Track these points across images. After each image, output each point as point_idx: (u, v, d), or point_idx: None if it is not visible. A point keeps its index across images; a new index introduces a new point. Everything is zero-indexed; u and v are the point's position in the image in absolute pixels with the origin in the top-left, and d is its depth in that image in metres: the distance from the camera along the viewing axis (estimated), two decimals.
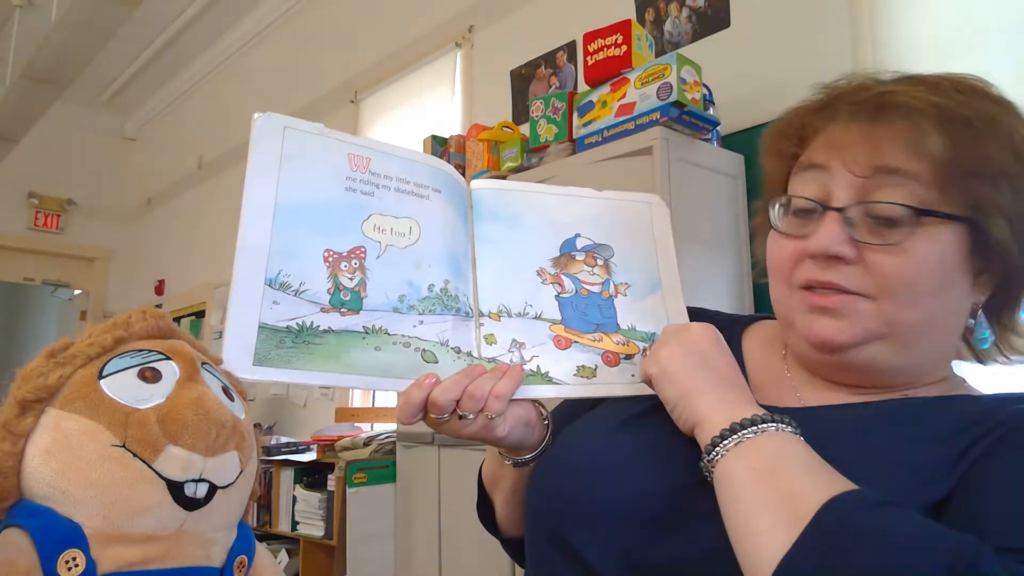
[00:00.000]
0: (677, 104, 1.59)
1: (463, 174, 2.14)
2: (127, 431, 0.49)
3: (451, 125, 2.96)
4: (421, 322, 0.64)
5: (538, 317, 0.68)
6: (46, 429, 0.51)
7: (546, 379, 0.66)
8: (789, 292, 0.61)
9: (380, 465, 2.40)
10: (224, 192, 4.59)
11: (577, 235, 0.74)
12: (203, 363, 0.55)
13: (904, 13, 1.72)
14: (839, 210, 0.57)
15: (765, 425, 0.53)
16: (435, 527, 1.99)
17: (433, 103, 3.09)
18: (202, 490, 0.50)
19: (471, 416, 0.60)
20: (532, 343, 0.67)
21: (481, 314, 0.67)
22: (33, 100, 3.84)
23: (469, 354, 0.65)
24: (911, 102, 0.56)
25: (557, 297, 0.70)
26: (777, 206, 0.62)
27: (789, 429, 0.53)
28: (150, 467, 0.48)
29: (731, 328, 0.72)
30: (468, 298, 0.67)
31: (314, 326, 0.59)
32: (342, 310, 0.61)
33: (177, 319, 4.73)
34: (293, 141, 0.66)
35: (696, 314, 0.74)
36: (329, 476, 2.62)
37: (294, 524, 2.76)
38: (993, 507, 0.48)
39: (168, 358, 0.53)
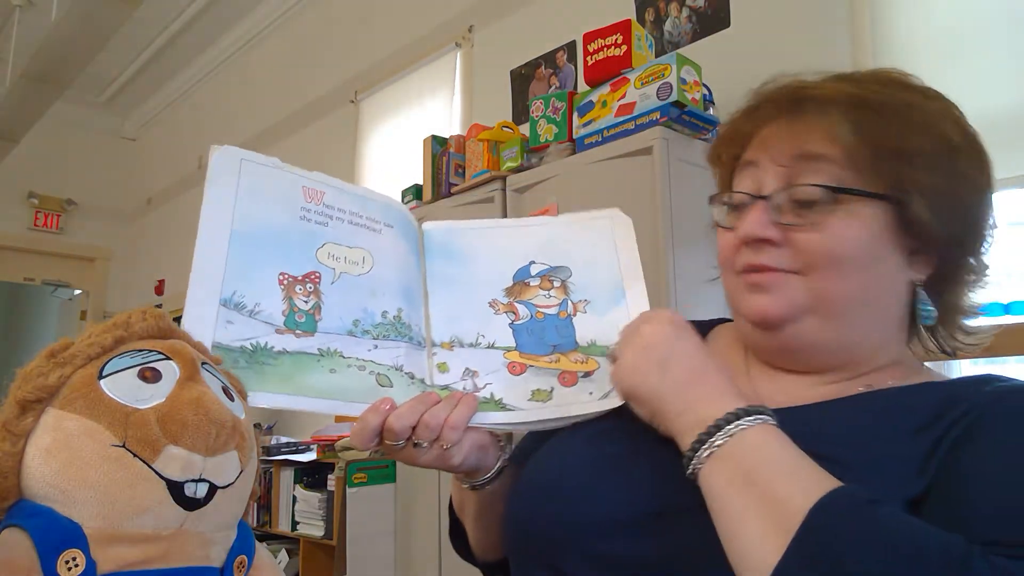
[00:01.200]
0: (677, 104, 1.59)
1: (463, 174, 2.14)
2: (127, 431, 0.49)
3: (451, 125, 2.96)
4: (375, 347, 0.64)
5: (491, 346, 0.70)
6: (46, 429, 0.51)
7: (499, 406, 0.66)
8: (734, 280, 0.65)
9: (380, 465, 2.40)
10: None
11: (532, 262, 0.75)
12: (203, 363, 0.55)
13: (904, 13, 1.72)
14: (765, 198, 0.62)
15: (732, 427, 0.51)
16: (435, 527, 1.99)
17: (433, 103, 3.09)
18: (202, 490, 0.50)
19: (426, 445, 0.61)
20: (485, 371, 0.68)
21: (434, 344, 0.68)
22: (33, 100, 3.84)
23: (422, 381, 0.65)
24: (825, 94, 0.62)
25: (511, 325, 0.71)
26: (720, 205, 0.68)
27: (760, 420, 0.52)
28: (150, 467, 0.48)
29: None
30: (421, 328, 0.68)
31: (268, 347, 0.60)
32: (297, 332, 0.62)
33: (177, 319, 4.71)
34: (249, 173, 0.67)
35: None
36: (329, 476, 2.62)
37: (294, 524, 2.76)
38: (974, 499, 0.48)
39: (168, 358, 0.53)
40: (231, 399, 0.55)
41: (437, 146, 2.23)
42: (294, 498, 2.77)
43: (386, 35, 3.40)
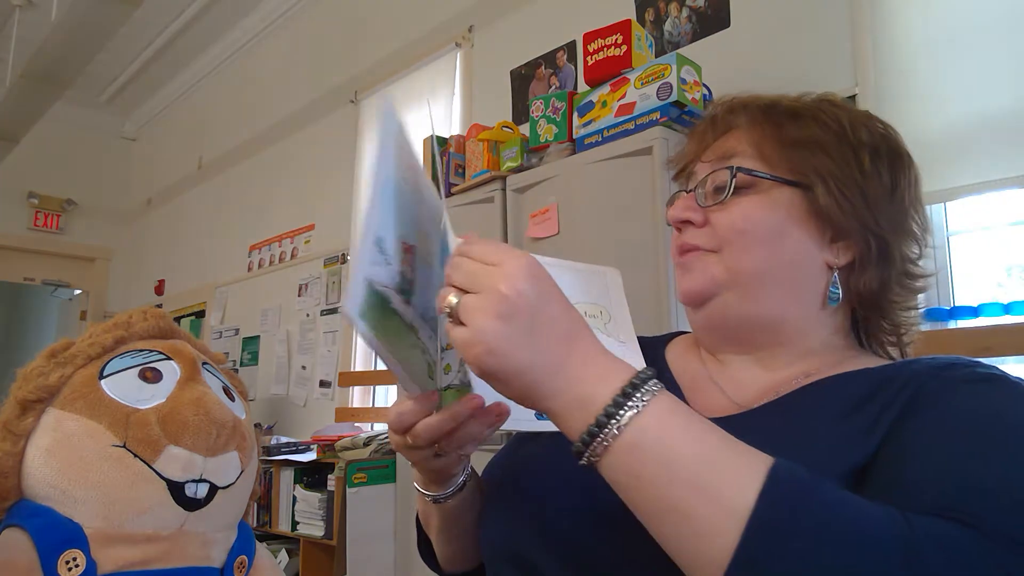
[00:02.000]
0: (677, 104, 1.59)
1: (463, 174, 2.14)
2: (128, 431, 0.49)
3: (451, 125, 2.96)
4: (430, 336, 0.64)
5: None
6: (47, 429, 0.51)
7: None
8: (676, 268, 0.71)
9: (380, 465, 2.40)
10: (224, 192, 4.59)
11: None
12: (204, 363, 0.55)
13: (904, 13, 1.72)
14: (691, 190, 0.71)
15: (627, 413, 0.46)
16: None
17: (433, 103, 3.09)
18: (202, 490, 0.50)
19: (448, 452, 0.61)
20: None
21: (441, 348, 0.68)
22: (33, 100, 3.84)
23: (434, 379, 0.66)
24: (740, 103, 0.71)
25: None
26: (667, 208, 0.74)
27: (652, 393, 0.47)
28: (150, 467, 0.48)
29: (655, 346, 0.78)
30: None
31: (390, 301, 0.58)
32: (403, 297, 0.60)
33: (177, 319, 4.73)
34: (401, 132, 0.67)
35: None
36: (329, 476, 2.62)
37: (294, 524, 2.76)
38: (922, 471, 0.49)
39: (169, 358, 0.54)
40: (232, 399, 0.55)
41: (437, 146, 2.23)
42: (294, 498, 2.77)
43: (386, 35, 3.40)
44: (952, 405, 0.53)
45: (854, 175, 0.65)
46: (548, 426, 0.64)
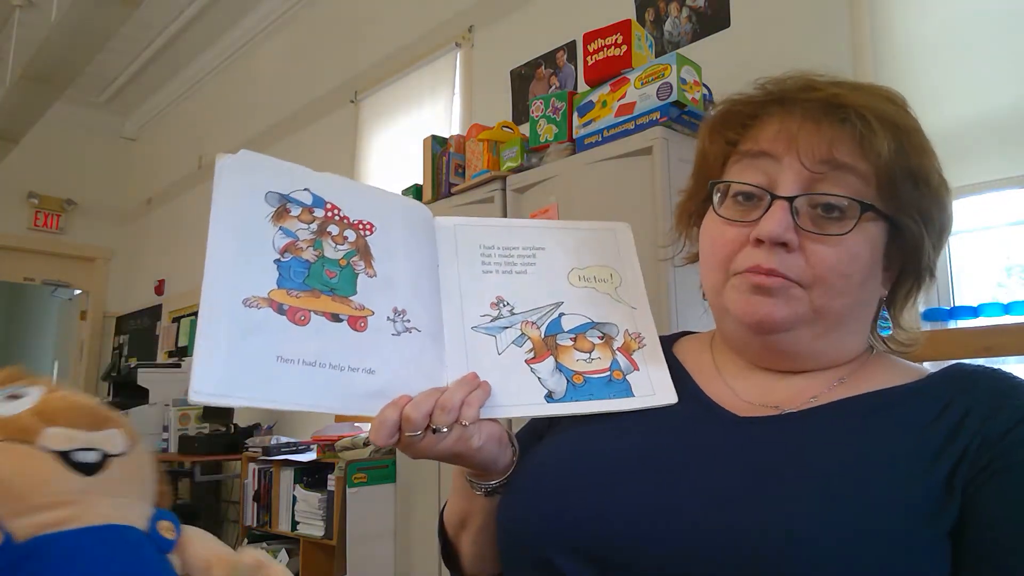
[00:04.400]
0: (677, 104, 1.59)
1: (463, 174, 2.14)
2: (4, 431, 0.55)
3: (451, 125, 2.96)
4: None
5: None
6: None
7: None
8: (724, 278, 0.63)
9: (380, 465, 2.40)
10: None
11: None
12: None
13: (904, 13, 1.72)
14: (789, 199, 0.59)
15: None
16: (435, 527, 1.98)
17: (433, 103, 3.09)
18: (93, 456, 0.55)
19: (445, 429, 0.60)
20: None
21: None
22: (33, 100, 3.84)
23: None
24: (863, 105, 0.60)
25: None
26: (718, 192, 0.65)
27: None
28: (33, 446, 0.54)
29: (662, 344, 0.75)
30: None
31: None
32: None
33: (177, 319, 4.73)
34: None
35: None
36: (329, 476, 2.62)
37: (294, 524, 2.76)
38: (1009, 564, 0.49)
39: (28, 387, 0.61)
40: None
41: (437, 146, 2.23)
42: (294, 498, 2.77)
43: (386, 35, 3.40)
44: None
45: (936, 211, 0.62)
46: (558, 409, 0.65)
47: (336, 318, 0.63)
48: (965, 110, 1.60)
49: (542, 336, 0.69)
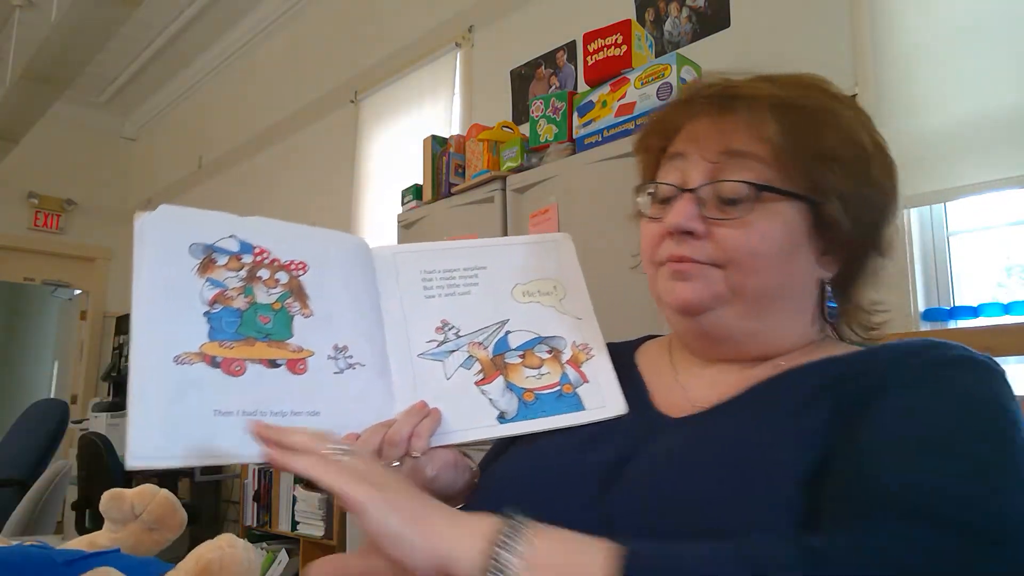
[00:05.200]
0: None
1: (463, 174, 2.14)
2: None
3: (451, 125, 2.96)
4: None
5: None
6: None
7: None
8: (655, 271, 0.67)
9: None
10: (224, 192, 4.59)
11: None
12: None
13: (904, 13, 1.72)
14: (692, 191, 0.63)
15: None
16: None
17: (433, 103, 3.09)
18: None
19: (396, 464, 0.60)
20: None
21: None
22: (33, 100, 3.84)
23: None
24: (753, 93, 0.63)
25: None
26: (645, 194, 0.68)
27: (517, 548, 0.47)
28: None
29: (624, 352, 0.76)
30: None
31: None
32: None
33: None
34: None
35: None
36: None
37: (294, 524, 2.76)
38: (881, 469, 0.49)
39: None
40: None
41: (437, 146, 2.23)
42: (294, 498, 2.77)
43: (386, 35, 3.40)
44: (914, 396, 0.53)
45: (863, 190, 0.62)
46: (511, 430, 0.65)
47: (273, 364, 0.62)
48: (965, 110, 1.60)
49: (490, 356, 0.69)
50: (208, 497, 3.92)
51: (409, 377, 0.67)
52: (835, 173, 0.61)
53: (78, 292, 5.73)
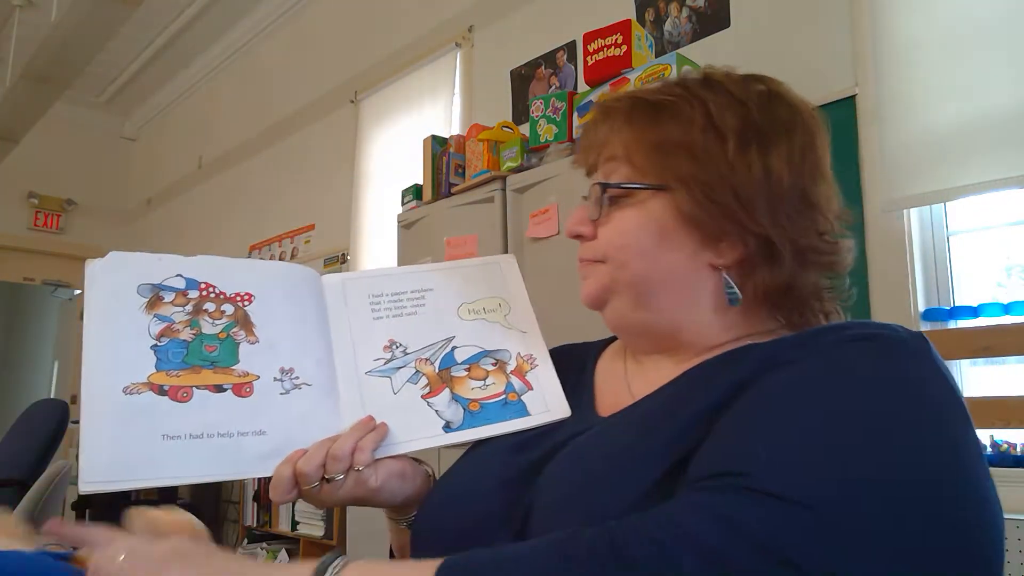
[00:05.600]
0: None
1: (463, 174, 2.14)
2: None
3: (451, 125, 2.96)
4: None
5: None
6: None
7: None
8: None
9: None
10: (224, 192, 4.59)
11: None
12: None
13: (904, 13, 1.72)
14: (584, 198, 0.68)
15: None
16: None
17: (433, 103, 3.09)
18: None
19: (340, 477, 0.63)
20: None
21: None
22: (33, 100, 3.84)
23: None
24: (614, 99, 0.68)
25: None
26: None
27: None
28: None
29: (589, 352, 0.78)
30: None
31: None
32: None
33: None
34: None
35: (557, 350, 0.79)
36: None
37: (294, 524, 2.76)
38: (714, 440, 0.50)
39: None
40: None
41: (437, 146, 2.23)
42: None
43: (386, 35, 3.40)
44: (791, 373, 0.51)
45: (720, 171, 0.60)
46: (456, 438, 0.68)
47: (220, 388, 0.65)
48: (965, 110, 1.60)
49: (436, 370, 0.72)
50: (208, 497, 3.92)
51: (356, 394, 0.69)
52: (678, 160, 0.62)
53: (78, 292, 5.72)
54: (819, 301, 0.64)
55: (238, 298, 0.71)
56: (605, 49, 1.74)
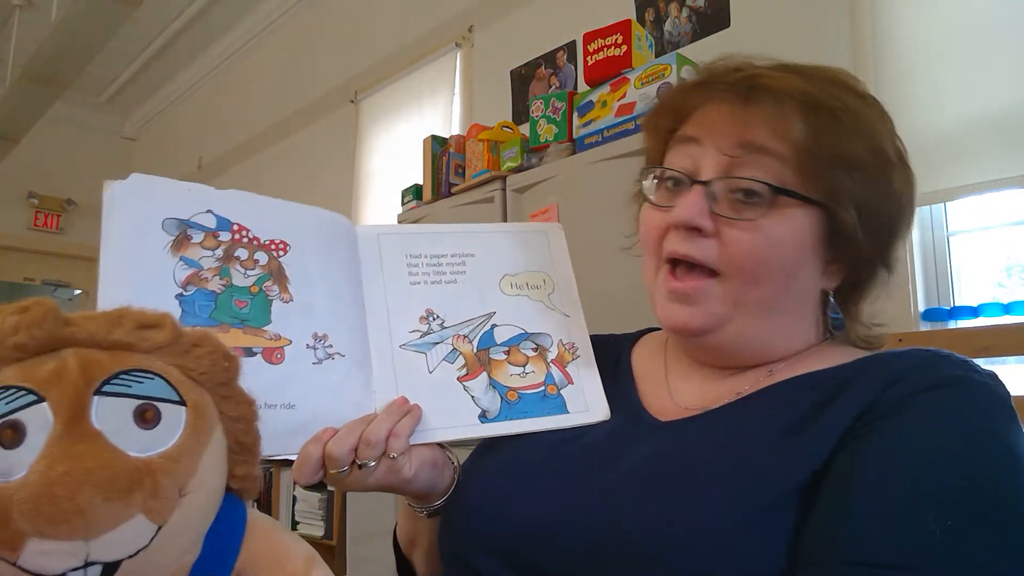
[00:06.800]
0: None
1: (463, 174, 2.14)
2: None
3: (451, 125, 2.96)
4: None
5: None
6: None
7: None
8: (655, 269, 0.63)
9: None
10: None
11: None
12: (103, 384, 0.40)
13: (904, 12, 1.72)
14: (705, 183, 0.59)
15: None
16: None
17: (433, 103, 3.09)
18: (93, 572, 0.38)
19: (372, 464, 0.58)
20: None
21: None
22: (33, 100, 3.84)
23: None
24: (780, 86, 0.58)
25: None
26: (651, 177, 0.64)
27: None
28: (14, 565, 0.37)
29: (621, 345, 0.74)
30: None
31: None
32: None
33: None
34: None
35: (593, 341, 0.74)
36: None
37: (294, 524, 2.76)
38: (860, 509, 0.47)
39: (39, 398, 0.38)
40: (150, 423, 0.41)
41: (437, 146, 2.23)
42: (294, 498, 2.77)
43: (386, 35, 3.40)
44: (904, 429, 0.49)
45: (880, 200, 0.58)
46: (492, 430, 0.64)
47: (249, 352, 0.58)
48: (965, 110, 1.60)
49: (474, 350, 0.67)
50: None
51: (390, 369, 0.64)
52: (855, 181, 0.57)
53: (78, 292, 5.72)
54: (871, 316, 0.64)
55: (272, 246, 0.63)
56: (605, 49, 1.74)
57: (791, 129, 0.56)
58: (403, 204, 2.37)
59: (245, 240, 0.62)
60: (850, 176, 0.57)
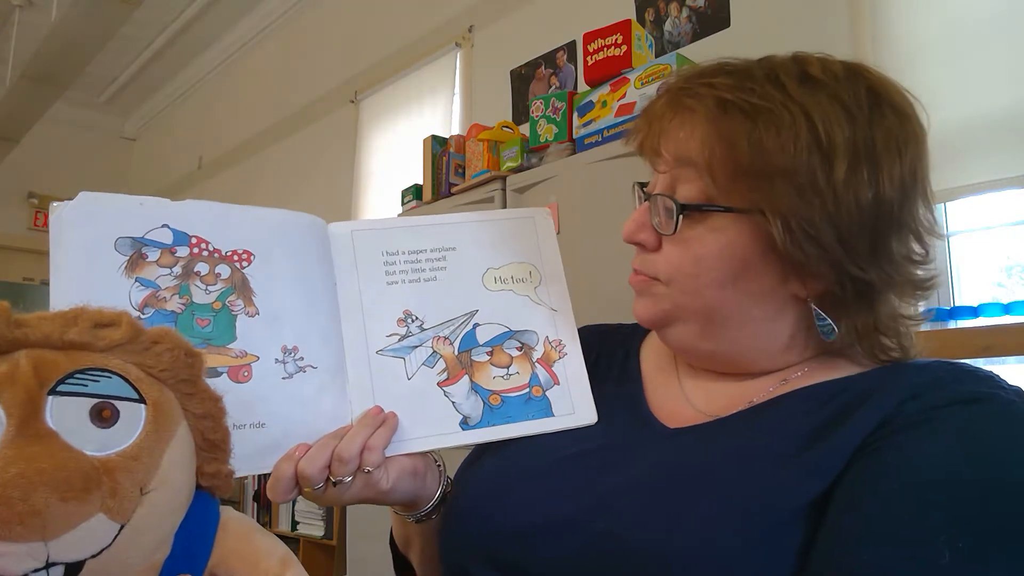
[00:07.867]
0: None
1: (463, 174, 2.14)
2: None
3: (451, 125, 2.96)
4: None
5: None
6: None
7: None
8: None
9: None
10: (224, 192, 4.59)
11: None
12: (57, 384, 0.40)
13: (904, 13, 1.72)
14: (648, 199, 0.60)
15: None
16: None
17: (433, 103, 3.10)
18: (56, 573, 0.38)
19: (347, 479, 0.56)
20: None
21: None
22: (33, 100, 3.84)
23: None
24: (699, 94, 0.56)
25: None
26: (636, 195, 0.64)
27: None
28: None
29: (630, 340, 0.72)
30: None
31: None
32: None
33: None
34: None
35: (594, 331, 0.73)
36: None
37: (294, 524, 2.76)
38: (870, 528, 0.45)
39: None
40: (107, 422, 0.40)
41: (437, 146, 2.23)
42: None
43: (386, 35, 3.40)
44: (922, 444, 0.48)
45: (825, 206, 0.51)
46: (473, 437, 0.61)
47: (214, 373, 0.55)
48: (965, 110, 1.59)
49: (455, 353, 0.64)
50: None
51: (366, 377, 0.61)
52: (775, 187, 0.52)
53: None
54: (893, 321, 0.57)
55: (235, 257, 0.60)
56: (605, 49, 1.74)
57: (699, 133, 0.55)
58: (403, 204, 2.37)
59: (205, 253, 0.59)
60: (771, 184, 0.52)
